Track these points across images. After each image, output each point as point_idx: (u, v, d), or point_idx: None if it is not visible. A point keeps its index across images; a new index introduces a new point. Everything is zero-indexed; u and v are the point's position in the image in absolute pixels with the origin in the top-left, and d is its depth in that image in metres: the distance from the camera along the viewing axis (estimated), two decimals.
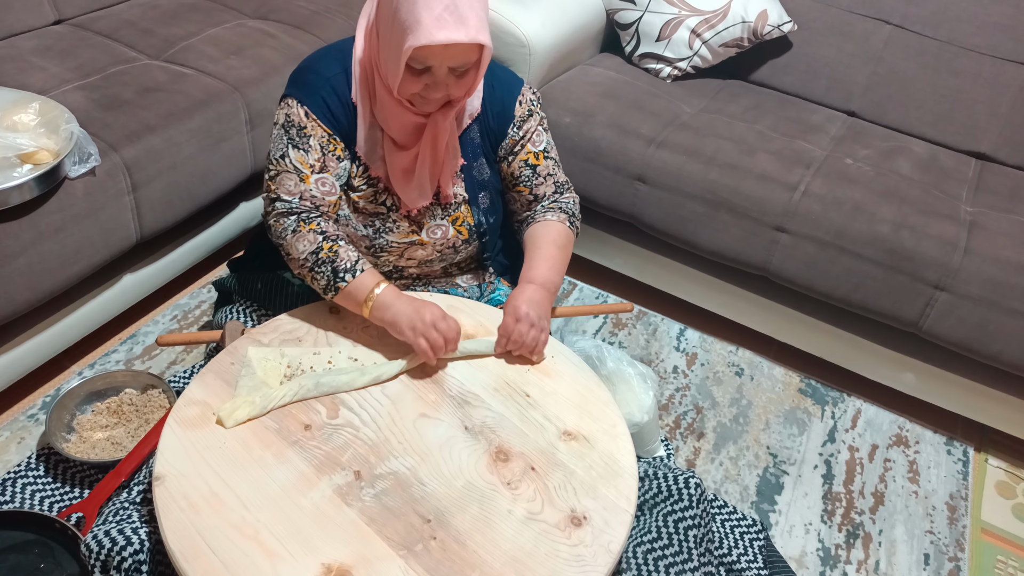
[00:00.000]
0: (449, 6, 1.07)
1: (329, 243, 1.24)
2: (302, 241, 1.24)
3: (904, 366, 1.77)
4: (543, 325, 1.25)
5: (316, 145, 1.25)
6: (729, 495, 1.59)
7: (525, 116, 1.35)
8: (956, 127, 1.95)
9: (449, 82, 1.16)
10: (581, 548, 1.01)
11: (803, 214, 1.67)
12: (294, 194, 1.25)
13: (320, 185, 1.26)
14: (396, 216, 1.35)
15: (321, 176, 1.26)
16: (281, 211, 1.25)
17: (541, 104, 1.40)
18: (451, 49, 1.10)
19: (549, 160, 1.39)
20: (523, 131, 1.35)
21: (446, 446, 1.12)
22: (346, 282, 1.22)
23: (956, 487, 1.69)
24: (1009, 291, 1.55)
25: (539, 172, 1.38)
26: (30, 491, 1.38)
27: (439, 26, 1.07)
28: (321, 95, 1.25)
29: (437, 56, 1.11)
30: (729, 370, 1.89)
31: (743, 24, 1.97)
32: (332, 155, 1.27)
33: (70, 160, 1.37)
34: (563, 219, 1.38)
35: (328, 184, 1.27)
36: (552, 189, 1.40)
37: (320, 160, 1.26)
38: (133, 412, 1.47)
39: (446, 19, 1.07)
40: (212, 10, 1.95)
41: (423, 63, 1.12)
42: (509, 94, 1.34)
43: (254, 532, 0.98)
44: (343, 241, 1.26)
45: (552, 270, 1.32)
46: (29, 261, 1.35)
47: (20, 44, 1.71)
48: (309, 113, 1.25)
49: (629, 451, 1.15)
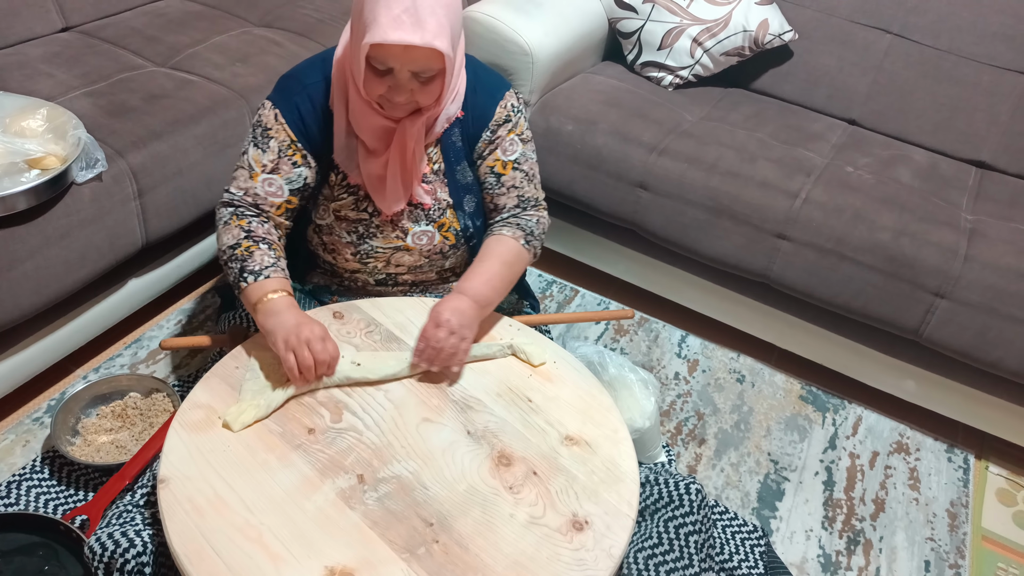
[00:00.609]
0: (409, 8, 1.07)
1: (249, 242, 1.25)
2: (227, 233, 1.27)
3: (905, 373, 1.78)
4: (464, 334, 1.21)
5: (275, 147, 1.28)
6: (730, 501, 1.60)
7: (501, 121, 1.33)
8: (956, 135, 1.96)
9: (413, 87, 1.16)
10: (583, 552, 1.02)
11: (804, 221, 1.68)
12: (241, 189, 1.29)
13: (267, 185, 1.28)
14: (379, 222, 1.35)
15: (270, 177, 1.28)
16: (224, 201, 1.30)
17: (525, 114, 1.38)
18: (410, 52, 1.10)
19: (518, 172, 1.36)
20: (496, 135, 1.33)
21: (449, 450, 1.13)
22: (247, 283, 1.22)
23: (957, 494, 1.69)
24: (1009, 298, 1.56)
25: (503, 182, 1.36)
26: (35, 494, 1.39)
27: (395, 26, 1.07)
28: (295, 101, 1.28)
29: (396, 58, 1.11)
30: (730, 376, 1.90)
31: (744, 33, 1.99)
32: (288, 159, 1.29)
33: (77, 166, 1.39)
34: (518, 236, 1.34)
35: (275, 185, 1.29)
36: (514, 203, 1.36)
37: (274, 162, 1.28)
38: (137, 416, 1.48)
39: (403, 20, 1.07)
40: (218, 18, 1.97)
41: (384, 64, 1.13)
42: (490, 98, 1.33)
43: (258, 535, 0.99)
44: (266, 245, 1.26)
45: (488, 285, 1.27)
46: (36, 265, 1.36)
47: (28, 51, 1.72)
48: (278, 116, 1.28)
49: (631, 456, 1.16)
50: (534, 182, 1.39)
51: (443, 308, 1.22)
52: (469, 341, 1.24)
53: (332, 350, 1.17)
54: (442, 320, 1.21)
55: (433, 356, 1.21)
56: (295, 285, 1.47)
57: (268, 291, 1.21)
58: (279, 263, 1.26)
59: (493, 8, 1.88)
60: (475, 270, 1.30)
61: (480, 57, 1.90)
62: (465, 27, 1.88)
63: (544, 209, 1.41)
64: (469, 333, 1.23)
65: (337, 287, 1.48)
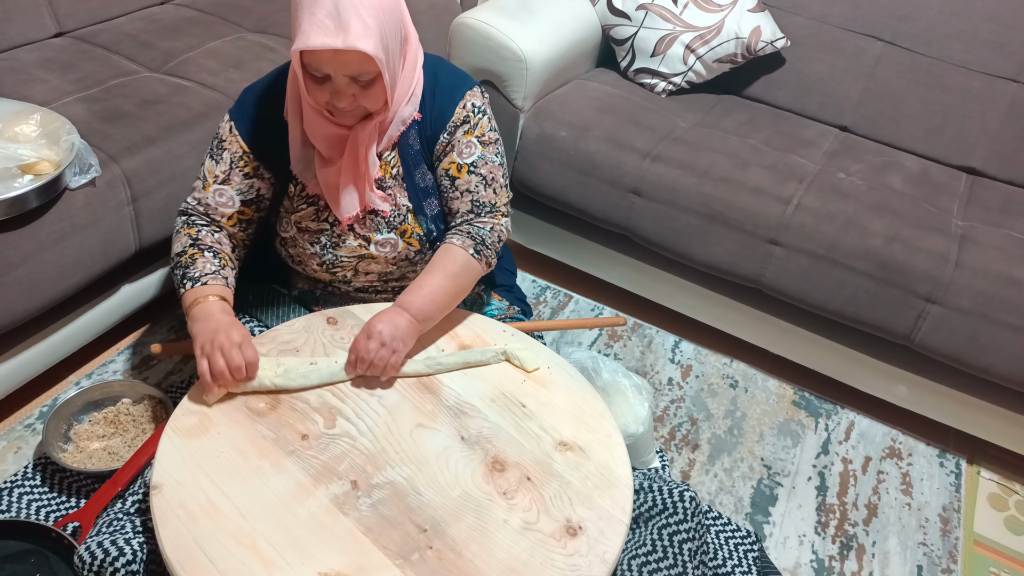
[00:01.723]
0: (331, 12, 1.06)
1: (193, 249, 1.28)
2: (177, 241, 1.31)
3: (897, 378, 1.78)
4: (395, 347, 1.19)
5: (227, 158, 1.31)
6: (723, 506, 1.60)
7: (459, 122, 1.31)
8: (947, 142, 1.97)
9: (354, 92, 1.15)
10: (576, 558, 1.02)
11: (796, 227, 1.69)
12: (195, 199, 1.33)
13: (217, 195, 1.32)
14: (340, 231, 1.34)
15: (220, 187, 1.31)
16: (180, 209, 1.35)
17: (489, 115, 1.35)
18: (340, 56, 1.09)
19: (474, 176, 1.32)
20: (454, 137, 1.31)
21: (443, 456, 1.13)
22: (184, 288, 1.24)
23: (949, 499, 1.70)
24: (1000, 304, 1.57)
25: (457, 185, 1.33)
26: (26, 500, 1.38)
27: (317, 31, 1.06)
28: (249, 113, 1.30)
29: (328, 63, 1.11)
30: (723, 382, 1.90)
31: (737, 40, 2.00)
32: (239, 171, 1.31)
33: (71, 171, 1.38)
34: (467, 245, 1.29)
35: (226, 196, 1.32)
36: (467, 207, 1.33)
37: (226, 172, 1.31)
38: (130, 422, 1.47)
39: (326, 24, 1.06)
40: (212, 24, 1.97)
41: (318, 70, 1.12)
42: (449, 99, 1.31)
43: (251, 541, 0.99)
44: (211, 253, 1.28)
45: (429, 300, 1.24)
46: (29, 271, 1.36)
47: (22, 56, 1.72)
48: (233, 128, 1.31)
49: (624, 462, 1.16)
50: (493, 187, 1.34)
51: (377, 320, 1.21)
52: (401, 354, 1.21)
53: (250, 355, 1.15)
54: (374, 332, 1.19)
55: (363, 368, 1.20)
56: (282, 290, 1.47)
57: (199, 296, 1.22)
58: (222, 271, 1.27)
59: (487, 14, 1.89)
60: (418, 283, 1.27)
61: (474, 63, 1.90)
62: (459, 33, 1.90)
63: (503, 216, 1.36)
64: (402, 347, 1.21)
65: (321, 292, 1.48)
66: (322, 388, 1.21)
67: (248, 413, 1.15)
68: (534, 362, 1.28)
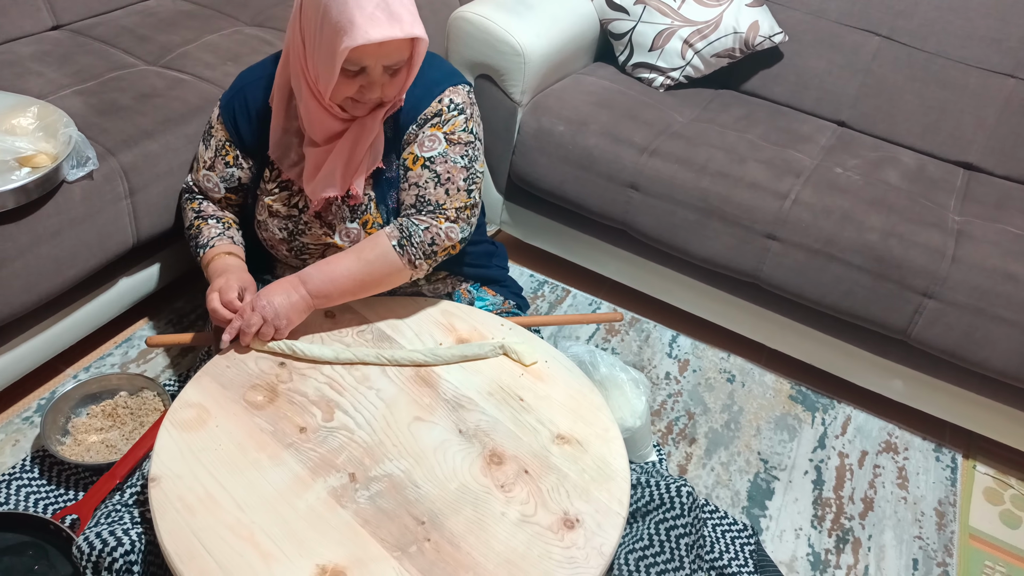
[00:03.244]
0: (380, 4, 1.07)
1: (199, 220, 1.40)
2: (184, 216, 1.44)
3: (893, 373, 1.79)
4: (278, 324, 1.22)
5: (213, 145, 1.38)
6: (720, 500, 1.61)
7: (430, 116, 1.29)
8: (944, 137, 1.98)
9: (383, 81, 1.16)
10: (574, 550, 1.02)
11: (793, 222, 1.69)
12: (192, 179, 1.44)
13: (205, 181, 1.40)
14: (307, 218, 1.35)
15: (208, 173, 1.40)
16: (183, 187, 1.47)
17: (464, 112, 1.30)
18: (385, 47, 1.11)
19: (426, 171, 1.27)
20: (421, 131, 1.29)
21: (440, 449, 1.13)
22: (200, 255, 1.36)
23: (944, 493, 1.71)
24: (996, 299, 1.57)
25: (408, 177, 1.29)
26: (24, 493, 1.38)
27: (373, 24, 1.07)
28: (233, 103, 1.34)
29: (372, 55, 1.11)
30: (721, 376, 1.91)
31: (735, 35, 2.00)
32: (222, 159, 1.38)
33: (68, 164, 1.38)
34: (393, 236, 1.26)
35: (212, 182, 1.40)
36: (411, 201, 1.28)
37: (212, 159, 1.38)
38: (128, 415, 1.48)
39: (379, 17, 1.07)
40: (209, 17, 1.97)
41: (358, 64, 1.13)
42: (428, 92, 1.29)
43: (249, 533, 0.99)
44: (214, 220, 1.40)
45: (331, 281, 1.25)
46: (26, 264, 1.35)
47: (18, 49, 1.72)
48: (220, 116, 1.36)
49: (621, 455, 1.17)
50: (446, 187, 1.28)
51: (271, 293, 1.23)
52: (283, 332, 1.24)
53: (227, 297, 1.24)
54: (258, 305, 1.22)
55: (243, 340, 1.23)
56: (268, 277, 1.47)
57: (210, 258, 1.34)
58: (227, 232, 1.39)
59: (485, 8, 1.89)
60: (328, 260, 1.27)
61: (472, 57, 1.90)
62: (457, 27, 1.90)
63: (447, 221, 1.28)
64: (285, 324, 1.23)
65: None
66: (320, 381, 1.21)
67: (246, 406, 1.16)
68: (532, 356, 1.29)
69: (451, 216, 1.28)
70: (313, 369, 1.23)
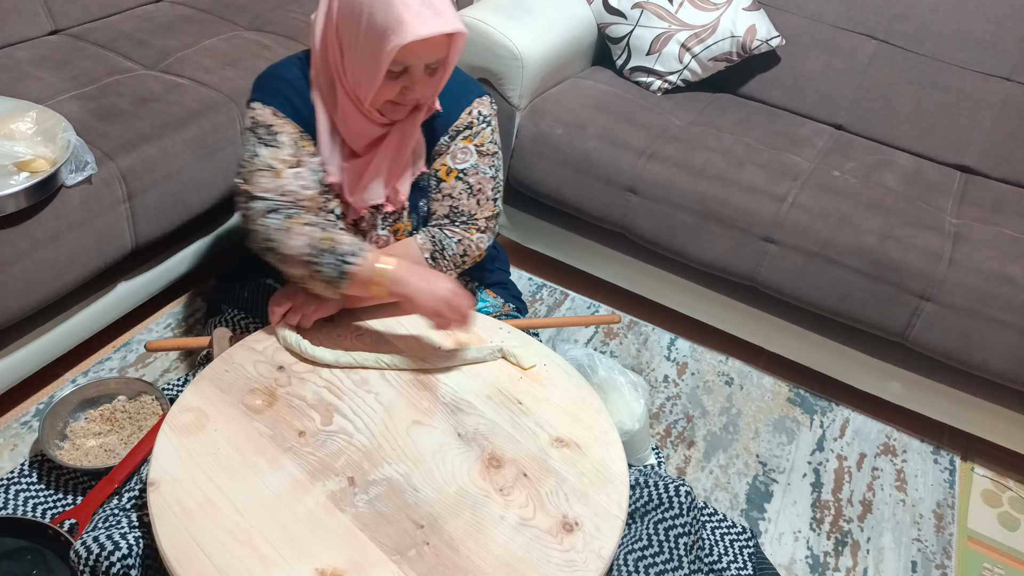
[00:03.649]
0: (424, 1, 1.08)
1: (324, 232, 1.19)
2: (294, 237, 1.18)
3: (891, 376, 1.79)
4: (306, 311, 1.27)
5: (287, 141, 1.22)
6: (719, 503, 1.61)
7: (462, 127, 1.31)
8: (940, 140, 1.98)
9: (424, 81, 1.17)
10: (573, 554, 1.02)
11: (791, 225, 1.70)
12: (270, 190, 1.20)
13: (296, 179, 1.22)
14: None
15: (297, 171, 1.22)
16: (261, 209, 1.20)
17: (494, 126, 1.34)
18: (429, 44, 1.11)
19: (460, 183, 1.31)
20: (454, 142, 1.31)
21: (439, 453, 1.13)
22: (354, 264, 1.16)
23: (943, 495, 1.71)
24: (993, 301, 1.58)
25: (441, 188, 1.32)
26: (23, 498, 1.38)
27: (421, 20, 1.08)
28: (285, 95, 1.25)
29: (416, 53, 1.12)
30: (719, 379, 1.91)
31: (732, 39, 2.00)
32: (305, 151, 1.24)
33: (66, 168, 1.38)
34: (426, 247, 1.31)
35: (305, 178, 1.22)
36: (445, 211, 1.32)
37: (294, 156, 1.23)
38: (126, 419, 1.47)
39: (425, 13, 1.08)
40: (207, 22, 1.97)
41: (403, 63, 1.13)
42: (457, 103, 1.31)
43: (248, 537, 0.99)
44: (338, 229, 1.22)
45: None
46: (24, 268, 1.35)
47: (16, 54, 1.72)
48: (276, 112, 1.23)
49: (620, 458, 1.17)
50: (477, 198, 1.32)
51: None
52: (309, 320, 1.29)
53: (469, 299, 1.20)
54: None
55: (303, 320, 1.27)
56: (274, 284, 1.47)
57: (373, 262, 1.18)
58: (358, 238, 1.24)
59: (483, 13, 1.89)
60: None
61: (470, 61, 1.91)
62: None
63: (478, 231, 1.33)
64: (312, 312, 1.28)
65: None
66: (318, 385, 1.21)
67: (245, 410, 1.16)
68: (530, 359, 1.29)
69: (481, 227, 1.34)
70: (312, 373, 1.23)
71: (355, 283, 1.18)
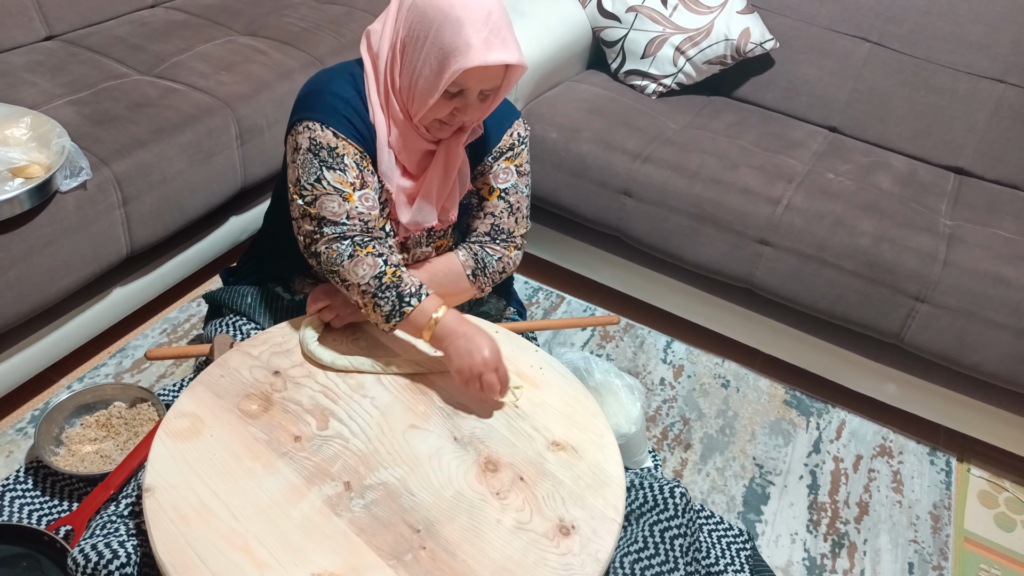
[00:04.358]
0: (494, 29, 1.11)
1: (391, 268, 1.21)
2: (361, 266, 1.20)
3: (887, 377, 1.80)
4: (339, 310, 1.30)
5: (351, 163, 1.22)
6: (716, 505, 1.61)
7: (505, 148, 1.34)
8: (934, 142, 1.99)
9: (475, 105, 1.18)
10: (569, 557, 1.02)
11: (786, 228, 1.70)
12: (339, 215, 1.20)
13: (364, 201, 1.22)
14: (391, 242, 1.33)
15: (364, 192, 1.23)
16: (332, 236, 1.21)
17: (527, 147, 1.38)
18: (489, 71, 1.13)
19: (502, 202, 1.35)
20: (497, 163, 1.34)
21: (435, 456, 1.13)
22: (412, 307, 1.19)
23: (939, 497, 1.71)
24: (987, 302, 1.58)
25: (484, 207, 1.35)
26: (18, 504, 1.37)
27: (488, 48, 1.10)
28: (344, 115, 1.22)
29: (475, 78, 1.13)
30: (715, 382, 1.91)
31: (726, 42, 2.01)
32: (367, 171, 1.24)
33: (61, 174, 1.38)
34: (468, 263, 1.33)
35: (371, 199, 1.23)
36: (486, 229, 1.35)
37: (359, 177, 1.22)
38: (122, 425, 1.47)
39: (493, 42, 1.11)
40: (202, 27, 1.97)
41: (461, 86, 1.14)
42: (499, 125, 1.34)
43: (244, 543, 0.99)
44: (404, 269, 1.23)
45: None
46: (19, 274, 1.35)
47: (11, 60, 1.72)
48: (338, 134, 1.21)
49: (616, 461, 1.17)
50: (516, 216, 1.36)
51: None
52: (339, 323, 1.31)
53: (504, 372, 1.19)
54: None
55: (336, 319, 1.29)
56: (284, 295, 1.47)
57: (431, 311, 1.20)
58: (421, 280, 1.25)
59: None
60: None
61: None
62: None
63: (516, 249, 1.38)
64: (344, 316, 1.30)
65: None
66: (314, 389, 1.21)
67: (240, 415, 1.15)
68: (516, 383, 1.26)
69: (518, 244, 1.38)
70: (307, 377, 1.23)
71: (407, 324, 1.22)
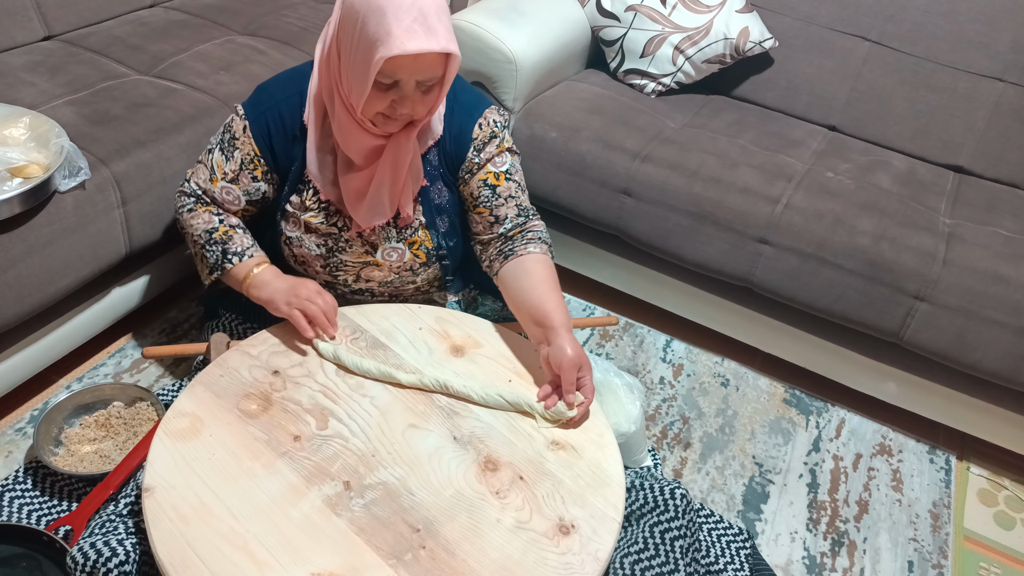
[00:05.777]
0: (418, 17, 1.09)
1: (225, 227, 1.36)
2: (198, 219, 1.36)
3: (886, 376, 1.80)
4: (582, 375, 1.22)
5: (238, 158, 1.33)
6: (715, 504, 1.61)
7: (486, 139, 1.34)
8: (934, 141, 1.99)
9: (415, 98, 1.17)
10: (569, 556, 1.02)
11: (785, 227, 1.70)
12: (200, 187, 1.37)
13: (224, 193, 1.36)
14: (348, 236, 1.36)
15: (228, 186, 1.35)
16: (185, 191, 1.39)
17: (508, 127, 1.39)
18: (420, 61, 1.11)
19: (511, 182, 1.37)
20: (483, 154, 1.34)
21: (435, 456, 1.13)
22: (232, 263, 1.33)
23: (939, 495, 1.71)
24: (987, 301, 1.58)
25: (499, 193, 1.36)
26: (18, 504, 1.37)
27: (409, 36, 1.08)
28: (266, 118, 1.31)
29: (406, 69, 1.12)
30: (715, 381, 1.91)
31: (725, 41, 2.01)
32: (248, 173, 1.34)
33: (60, 174, 1.38)
34: (546, 251, 1.37)
35: (232, 195, 1.36)
36: (515, 212, 1.38)
37: (235, 172, 1.34)
38: (121, 425, 1.47)
39: (416, 30, 1.09)
40: (201, 27, 1.97)
41: (392, 77, 1.13)
42: (468, 117, 1.34)
43: (243, 542, 0.99)
44: (241, 230, 1.37)
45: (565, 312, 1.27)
46: (18, 274, 1.35)
47: (10, 60, 1.72)
48: (247, 129, 1.31)
49: (616, 460, 1.17)
50: (525, 192, 1.41)
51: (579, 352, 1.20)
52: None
53: (330, 300, 1.29)
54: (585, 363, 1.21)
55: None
56: None
57: (252, 266, 1.32)
58: (256, 244, 1.37)
59: (477, 16, 1.89)
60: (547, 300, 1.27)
61: (464, 65, 1.91)
62: None
63: (539, 219, 1.43)
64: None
65: None
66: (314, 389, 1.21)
67: (240, 415, 1.15)
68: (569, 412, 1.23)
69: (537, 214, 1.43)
70: (307, 377, 1.23)
71: (228, 277, 1.35)
